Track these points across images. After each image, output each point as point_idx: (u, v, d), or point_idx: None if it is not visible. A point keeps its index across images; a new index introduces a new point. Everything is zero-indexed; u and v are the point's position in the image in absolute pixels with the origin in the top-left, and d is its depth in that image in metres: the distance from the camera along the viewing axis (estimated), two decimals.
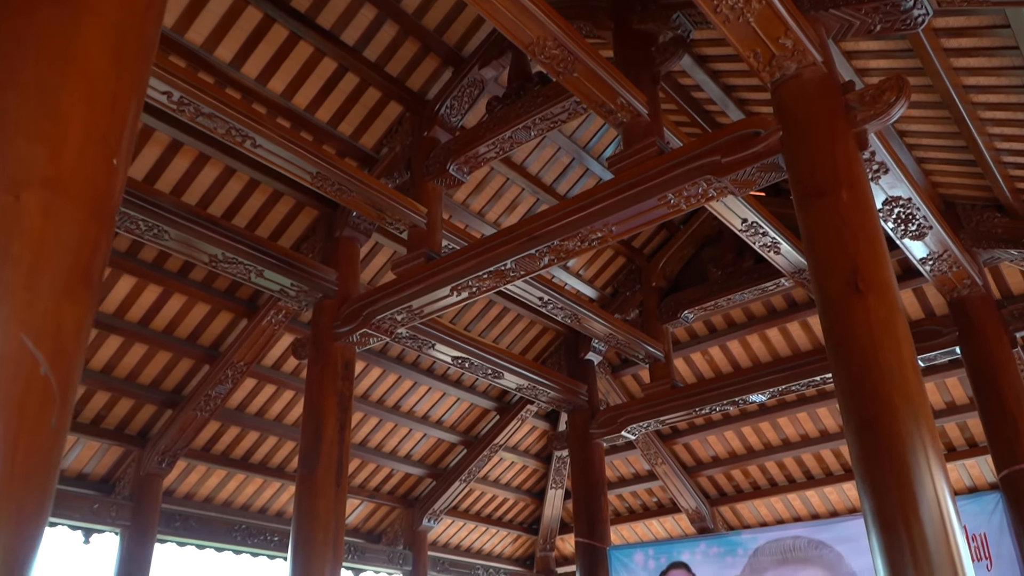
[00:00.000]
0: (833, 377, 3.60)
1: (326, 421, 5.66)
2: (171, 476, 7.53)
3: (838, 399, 3.54)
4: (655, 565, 7.34)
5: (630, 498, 10.52)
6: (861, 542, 6.36)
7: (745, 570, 6.83)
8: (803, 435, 8.90)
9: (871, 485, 3.28)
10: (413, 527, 9.31)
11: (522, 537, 10.95)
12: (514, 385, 7.38)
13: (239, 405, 7.62)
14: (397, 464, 9.01)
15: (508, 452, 9.86)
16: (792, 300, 8.05)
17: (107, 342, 6.59)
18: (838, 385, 3.54)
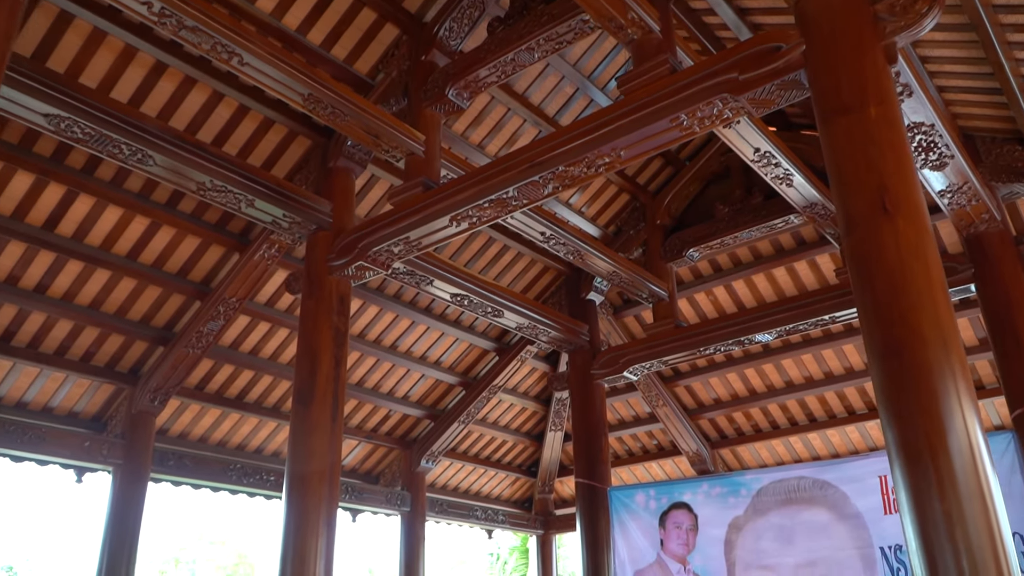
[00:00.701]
0: (856, 303, 3.39)
1: (321, 357, 5.48)
2: (164, 415, 7.38)
3: (862, 326, 3.35)
4: (656, 506, 7.23)
5: (630, 440, 10.44)
6: (866, 482, 6.26)
7: (748, 510, 6.72)
8: (807, 377, 8.76)
9: (896, 416, 3.10)
10: (411, 468, 9.22)
11: (521, 479, 10.89)
12: (514, 324, 7.20)
13: (232, 343, 7.43)
14: (395, 405, 8.88)
15: (507, 394, 9.73)
16: (800, 238, 7.83)
17: (94, 276, 6.37)
18: (862, 311, 3.34)
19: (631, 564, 7.20)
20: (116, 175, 5.99)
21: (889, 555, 5.98)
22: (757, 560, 6.54)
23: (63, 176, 5.81)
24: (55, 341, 6.57)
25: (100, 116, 4.66)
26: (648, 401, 9.32)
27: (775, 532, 6.52)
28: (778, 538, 6.49)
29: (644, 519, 7.25)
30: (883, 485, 6.16)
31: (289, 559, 5.10)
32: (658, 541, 7.11)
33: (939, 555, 2.86)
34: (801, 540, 6.38)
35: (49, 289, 6.29)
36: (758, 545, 6.58)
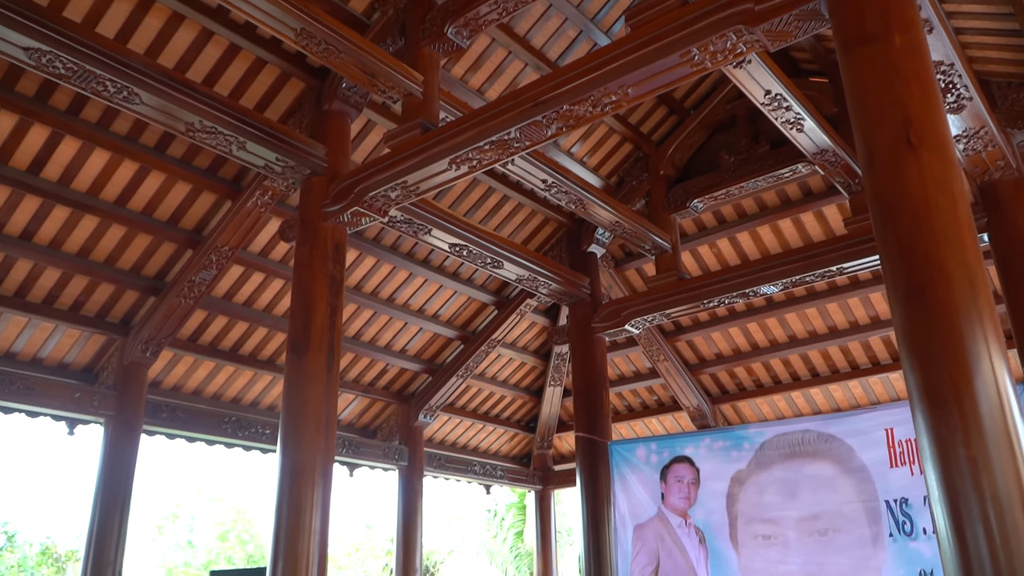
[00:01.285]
0: (878, 242, 3.23)
1: (316, 305, 5.32)
2: (157, 367, 7.25)
3: (883, 266, 3.19)
4: (657, 459, 7.14)
5: (629, 396, 10.35)
6: (872, 435, 6.16)
7: (751, 464, 6.63)
8: (811, 331, 8.64)
9: (919, 359, 2.95)
10: (408, 423, 9.13)
11: (519, 435, 10.83)
12: (514, 276, 7.03)
13: (226, 294, 7.27)
14: (392, 359, 8.75)
15: (506, 348, 9.61)
16: (808, 189, 7.65)
17: (82, 222, 6.18)
18: (884, 251, 3.18)
19: (632, 518, 7.13)
20: (102, 116, 5.77)
21: (895, 508, 5.89)
22: (760, 514, 6.47)
23: (47, 117, 5.59)
24: (43, 290, 6.41)
25: (84, 51, 4.42)
26: (649, 356, 9.20)
27: (778, 486, 6.43)
28: (781, 492, 6.41)
29: (645, 473, 7.16)
30: (889, 438, 6.06)
31: (284, 510, 4.99)
32: (659, 495, 7.03)
33: (963, 503, 2.74)
34: (805, 494, 6.30)
35: (35, 236, 6.11)
36: (761, 499, 6.50)
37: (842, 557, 6.01)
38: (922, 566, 5.67)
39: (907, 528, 5.80)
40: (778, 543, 6.33)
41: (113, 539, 6.53)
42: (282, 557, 4.89)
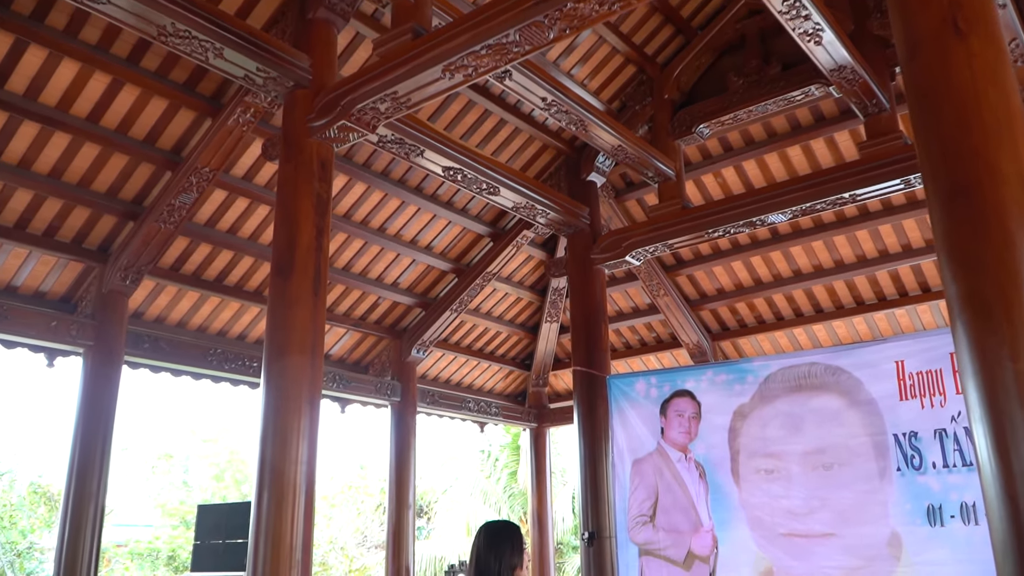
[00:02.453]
0: (917, 138, 2.91)
1: (301, 225, 5.01)
2: (138, 297, 6.96)
3: (922, 166, 2.88)
4: (657, 394, 6.93)
5: (627, 333, 10.12)
6: (882, 368, 5.93)
7: (754, 398, 6.41)
8: (816, 265, 8.37)
9: (962, 264, 2.67)
10: (401, 358, 8.89)
11: (514, 372, 10.62)
12: (511, 204, 6.72)
13: (208, 220, 6.94)
14: (384, 291, 8.47)
15: (502, 282, 9.33)
16: (820, 113, 7.29)
17: (52, 140, 5.81)
18: (924, 148, 2.87)
19: (630, 453, 6.94)
20: (70, 23, 5.36)
21: (903, 442, 5.69)
22: (763, 448, 6.27)
23: (10, 24, 5.18)
24: (13, 213, 6.06)
25: None
26: (649, 290, 8.94)
27: (782, 419, 6.23)
28: (785, 425, 6.20)
29: (644, 407, 6.95)
30: (899, 371, 5.84)
31: (270, 440, 4.76)
32: (658, 430, 6.83)
33: (1009, 423, 2.48)
34: (810, 427, 6.09)
35: (2, 155, 5.75)
36: (764, 433, 6.30)
37: (847, 491, 5.83)
38: (930, 500, 5.49)
39: (915, 462, 5.61)
40: (781, 477, 6.14)
41: (95, 473, 6.30)
42: (268, 488, 4.67)
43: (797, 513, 6.01)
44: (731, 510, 6.31)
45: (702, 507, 6.46)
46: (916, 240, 7.80)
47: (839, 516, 5.82)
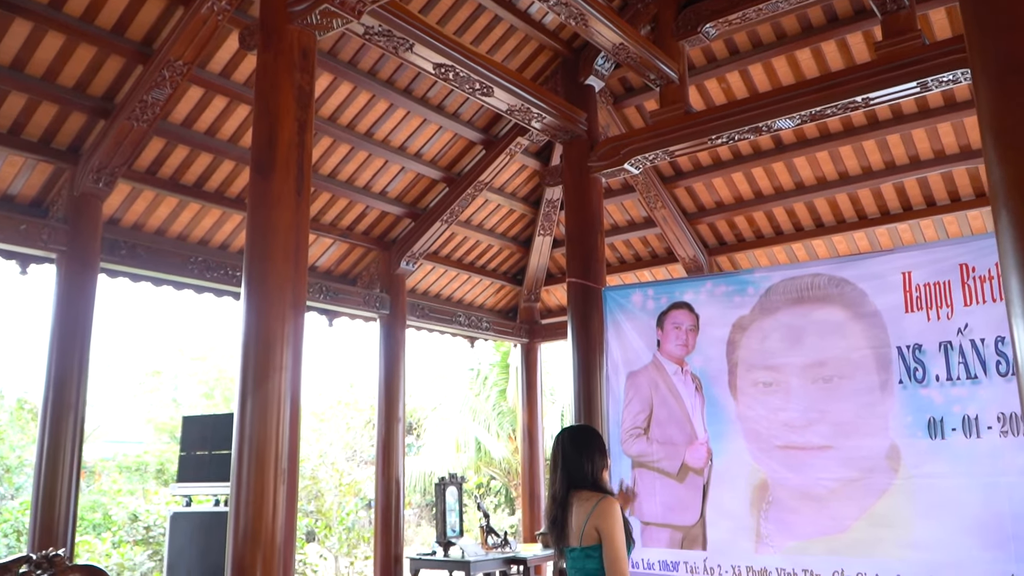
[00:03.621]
0: (964, 13, 2.62)
1: (282, 119, 4.67)
2: (114, 202, 6.64)
3: (969, 40, 2.60)
4: (654, 306, 6.73)
5: (622, 247, 9.88)
6: (888, 279, 5.73)
7: (754, 309, 6.23)
8: (820, 177, 8.10)
9: (1011, 144, 2.42)
10: (390, 270, 8.64)
11: (506, 287, 10.41)
12: (505, 106, 6.37)
13: (185, 120, 6.57)
14: (372, 200, 8.16)
15: (494, 193, 9.03)
16: (833, 13, 6.89)
17: (12, 28, 5.39)
18: (973, 20, 2.58)
19: (624, 366, 6.79)
20: None
21: (907, 355, 5.54)
22: (762, 361, 6.11)
23: None
24: None
25: None
26: (646, 202, 8.67)
27: (783, 332, 6.05)
28: (786, 338, 6.04)
29: (641, 320, 6.77)
30: (906, 282, 5.64)
31: (252, 347, 4.55)
32: (655, 342, 6.66)
33: None
34: (811, 340, 5.93)
35: None
36: (764, 345, 6.13)
37: (847, 404, 5.70)
38: (931, 413, 5.37)
39: (919, 375, 5.47)
40: (780, 390, 6.01)
41: (74, 384, 6.09)
42: (251, 395, 4.48)
43: (795, 426, 5.89)
44: (727, 423, 6.20)
45: (697, 420, 6.34)
46: (924, 151, 7.52)
47: (837, 429, 5.71)
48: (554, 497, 3.13)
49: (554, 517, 3.10)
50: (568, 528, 3.07)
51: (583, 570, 3.03)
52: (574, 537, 3.04)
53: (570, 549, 3.09)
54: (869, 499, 5.49)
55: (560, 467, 3.15)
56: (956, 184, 7.64)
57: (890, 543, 5.37)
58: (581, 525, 3.01)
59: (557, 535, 3.09)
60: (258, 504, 4.29)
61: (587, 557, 3.00)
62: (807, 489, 5.77)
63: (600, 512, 2.99)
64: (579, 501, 3.06)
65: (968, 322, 5.35)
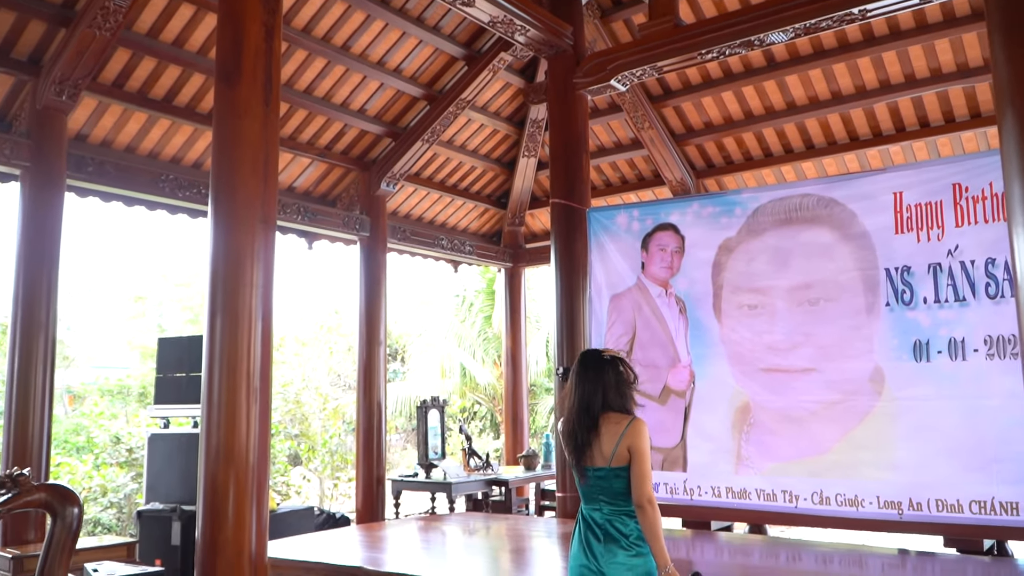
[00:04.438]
0: None
1: (247, 24, 4.41)
2: (80, 117, 6.38)
3: None
4: (639, 227, 6.59)
5: (608, 169, 9.67)
6: (878, 199, 5.60)
7: (741, 231, 6.09)
8: (812, 96, 7.87)
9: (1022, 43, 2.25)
10: (370, 192, 8.42)
11: (490, 211, 10.22)
12: (487, 18, 6.09)
13: (151, 30, 6.25)
14: (350, 118, 7.88)
15: (477, 112, 8.76)
16: None
17: None
18: None
19: (608, 288, 6.69)
20: None
21: (895, 277, 5.45)
22: (747, 283, 6.02)
23: None
24: None
25: None
26: (633, 122, 8.43)
27: (770, 254, 5.94)
28: (773, 260, 5.93)
29: (625, 241, 6.63)
30: (897, 202, 5.51)
31: (221, 264, 4.39)
32: (639, 264, 6.54)
33: None
34: (798, 262, 5.82)
35: None
36: (750, 268, 6.03)
37: (832, 327, 5.64)
38: (917, 336, 5.31)
39: (906, 297, 5.39)
40: (765, 313, 5.93)
41: (43, 303, 5.92)
42: (221, 314, 4.34)
43: (779, 349, 5.83)
44: (711, 346, 6.13)
45: (680, 343, 6.27)
46: (920, 69, 7.29)
47: (821, 352, 5.66)
48: (581, 418, 3.11)
49: (580, 438, 3.10)
50: (593, 449, 3.08)
51: (609, 490, 3.06)
52: (602, 457, 3.06)
53: (596, 469, 3.09)
54: (851, 421, 5.47)
55: (592, 389, 3.13)
56: (952, 104, 7.44)
57: (870, 465, 5.37)
58: (613, 445, 3.04)
59: (579, 456, 3.10)
60: (230, 423, 4.20)
61: (616, 477, 3.05)
62: (789, 412, 5.75)
63: (633, 432, 3.04)
64: (608, 423, 3.08)
65: (959, 243, 5.25)
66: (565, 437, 3.17)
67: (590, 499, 3.14)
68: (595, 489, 3.11)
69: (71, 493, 3.60)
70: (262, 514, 4.24)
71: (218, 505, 4.13)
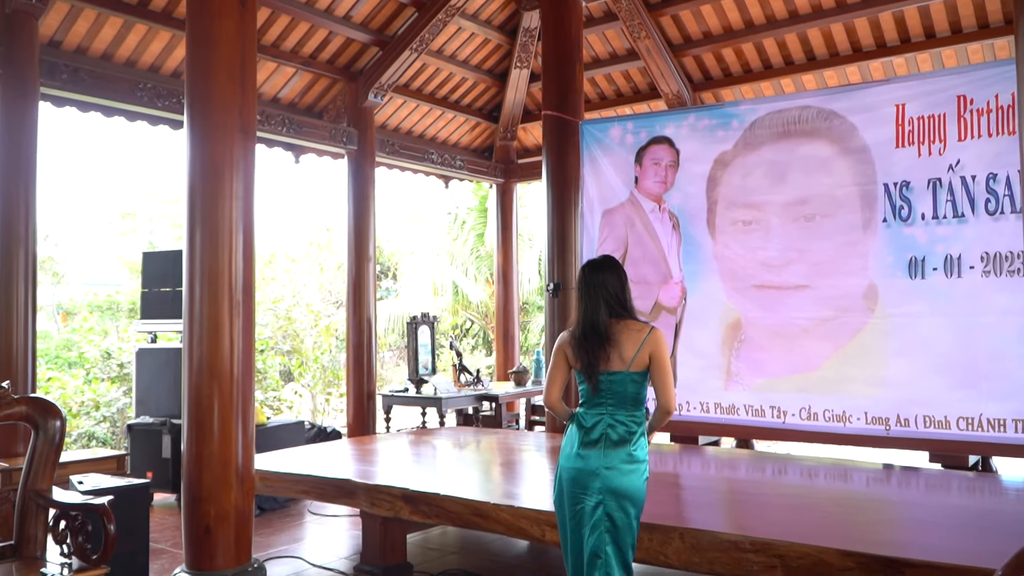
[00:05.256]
0: None
1: None
2: (52, 23, 6.10)
3: None
4: (633, 140, 6.42)
5: (603, 82, 9.38)
6: (880, 111, 5.44)
7: (738, 144, 5.93)
8: (815, 5, 7.56)
9: None
10: (357, 103, 8.17)
11: (481, 124, 9.97)
12: None
13: None
14: (335, 25, 7.57)
15: (467, 20, 8.44)
16: None
17: None
18: None
19: (600, 203, 6.56)
20: None
21: (893, 192, 5.33)
22: (742, 198, 5.90)
23: None
24: None
25: None
26: (629, 32, 8.14)
27: (766, 168, 5.81)
28: (769, 174, 5.80)
29: (619, 155, 6.47)
30: (899, 115, 5.35)
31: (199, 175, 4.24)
32: (632, 179, 6.41)
33: None
34: (795, 176, 5.69)
35: None
36: (745, 182, 5.90)
37: (827, 243, 5.55)
38: (913, 253, 5.23)
39: (904, 213, 5.29)
40: (759, 229, 5.83)
41: (21, 216, 5.77)
42: (200, 226, 4.22)
43: (772, 265, 5.76)
44: (703, 262, 6.05)
45: (673, 259, 6.19)
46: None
47: (815, 268, 5.59)
48: (599, 322, 3.16)
49: (596, 342, 3.14)
50: (610, 353, 3.13)
51: (621, 393, 3.13)
52: (621, 361, 3.13)
53: (612, 373, 3.14)
54: (842, 338, 5.44)
55: (601, 296, 3.19)
56: (959, 14, 7.17)
57: (859, 382, 5.37)
58: (635, 350, 3.12)
59: (594, 360, 3.14)
60: (213, 338, 4.13)
61: (632, 381, 3.13)
62: (780, 328, 5.71)
63: (656, 340, 3.16)
64: (627, 330, 3.16)
65: (960, 158, 5.12)
66: (579, 341, 3.18)
67: (594, 404, 3.18)
68: (604, 393, 3.16)
69: (52, 406, 3.54)
70: (248, 427, 4.21)
71: (203, 419, 4.10)
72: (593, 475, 3.07)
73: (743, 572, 3.23)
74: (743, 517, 4.03)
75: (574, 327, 3.26)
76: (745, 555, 3.19)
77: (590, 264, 3.35)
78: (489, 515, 3.95)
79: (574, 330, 3.25)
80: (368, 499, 4.47)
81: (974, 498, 4.45)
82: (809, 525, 3.59)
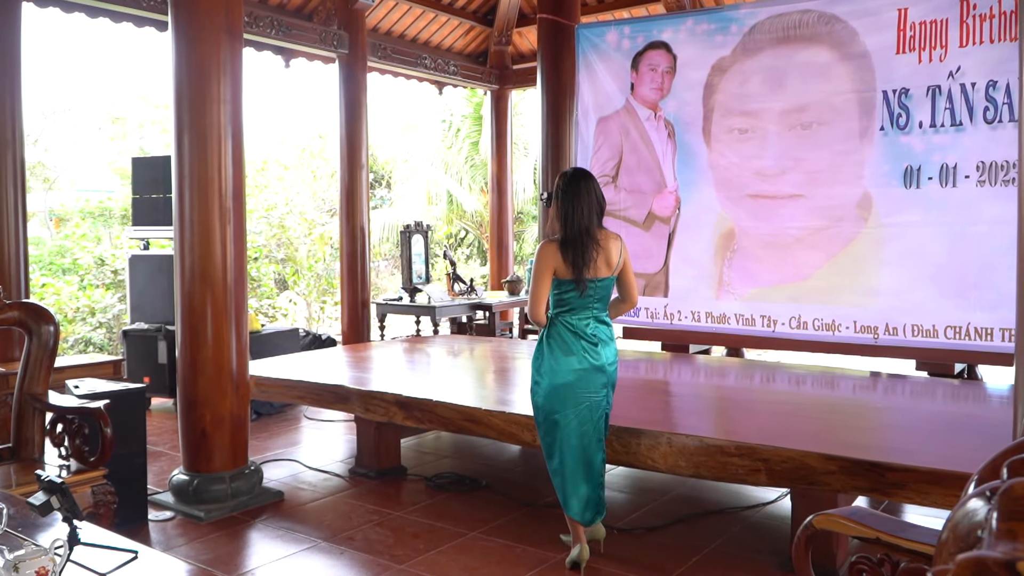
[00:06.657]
0: None
1: None
2: None
3: None
4: (630, 45, 6.27)
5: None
6: (882, 16, 5.30)
7: (736, 50, 5.80)
8: None
9: None
10: (348, 4, 7.92)
11: (475, 28, 9.71)
12: None
13: None
14: None
15: None
16: None
17: None
18: None
19: (595, 111, 6.46)
20: None
21: (892, 99, 5.25)
22: (739, 105, 5.81)
23: None
24: None
25: None
26: None
27: (765, 74, 5.69)
28: (767, 81, 5.69)
29: (615, 61, 6.33)
30: (901, 19, 5.22)
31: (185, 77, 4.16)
32: (628, 85, 6.28)
33: None
34: (793, 83, 5.59)
35: None
36: (743, 89, 5.79)
37: (823, 151, 5.50)
38: (909, 162, 5.19)
39: (901, 121, 5.22)
40: (755, 137, 5.76)
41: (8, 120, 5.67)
42: (187, 131, 4.16)
43: (767, 174, 5.72)
44: (698, 171, 6.00)
45: (667, 167, 6.14)
46: None
47: (810, 177, 5.55)
48: (588, 231, 3.30)
49: (586, 250, 3.29)
50: (599, 260, 3.32)
51: (605, 297, 3.43)
52: (607, 267, 3.37)
53: (600, 279, 3.36)
54: (835, 247, 5.46)
55: (587, 204, 3.32)
56: None
57: (850, 291, 5.41)
58: (617, 257, 3.41)
59: (584, 268, 3.29)
60: (204, 244, 4.12)
61: (613, 285, 3.48)
62: (773, 238, 5.72)
63: (624, 246, 3.48)
64: (607, 237, 3.38)
65: (961, 65, 5.02)
66: (571, 247, 3.29)
67: (581, 309, 3.38)
68: (590, 299, 3.37)
69: (44, 311, 3.56)
70: (242, 334, 4.25)
71: (196, 325, 4.13)
72: (600, 371, 3.36)
73: (728, 475, 3.32)
74: (729, 423, 4.12)
75: (560, 234, 3.34)
76: (730, 459, 3.28)
77: (574, 172, 3.44)
78: (481, 420, 4.03)
79: (561, 238, 3.32)
80: (362, 405, 4.55)
81: (957, 405, 4.55)
82: (794, 431, 3.67)
